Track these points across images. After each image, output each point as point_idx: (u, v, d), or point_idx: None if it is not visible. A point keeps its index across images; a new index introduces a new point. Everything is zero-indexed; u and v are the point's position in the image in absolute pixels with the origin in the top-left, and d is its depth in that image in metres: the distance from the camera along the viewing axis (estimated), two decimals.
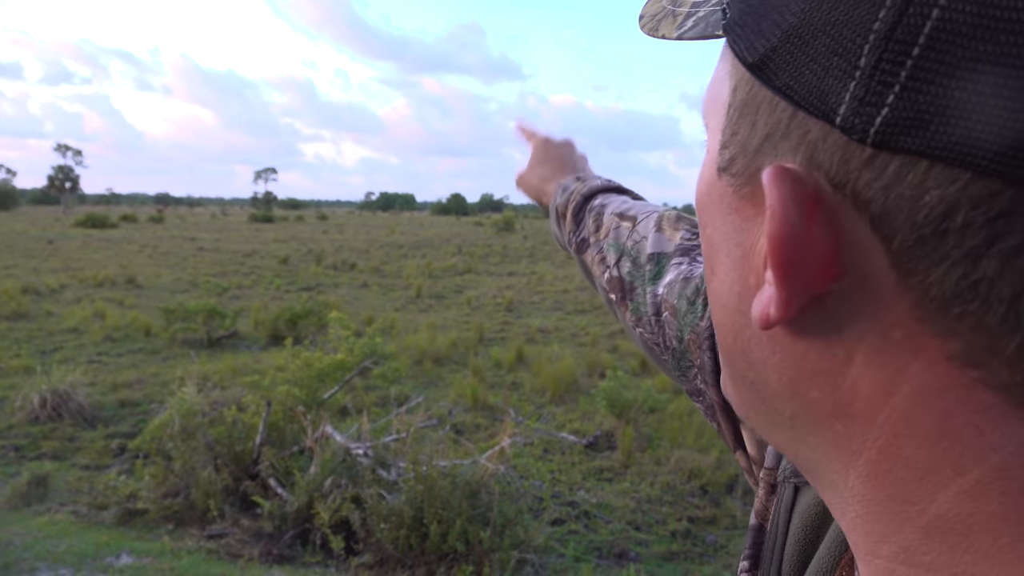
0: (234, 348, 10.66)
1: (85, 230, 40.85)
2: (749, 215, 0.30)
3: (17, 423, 6.99)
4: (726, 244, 0.32)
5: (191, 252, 26.96)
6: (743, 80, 0.29)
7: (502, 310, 14.66)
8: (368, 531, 4.43)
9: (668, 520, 5.41)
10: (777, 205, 0.26)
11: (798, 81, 0.26)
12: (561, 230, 0.90)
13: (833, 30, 0.24)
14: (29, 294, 14.82)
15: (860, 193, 0.24)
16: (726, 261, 0.32)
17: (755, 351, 0.31)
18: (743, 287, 0.31)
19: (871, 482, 0.28)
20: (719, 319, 0.34)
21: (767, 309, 0.27)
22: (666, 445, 6.70)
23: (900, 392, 0.26)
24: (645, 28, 0.41)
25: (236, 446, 5.23)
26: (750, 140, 0.29)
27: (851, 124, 0.24)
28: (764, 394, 0.32)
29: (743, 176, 0.29)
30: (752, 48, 0.28)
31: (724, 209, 0.31)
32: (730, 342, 0.33)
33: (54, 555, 4.18)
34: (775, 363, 0.30)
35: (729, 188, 0.31)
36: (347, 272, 21.38)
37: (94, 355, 10.01)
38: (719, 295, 0.33)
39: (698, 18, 0.35)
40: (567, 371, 8.85)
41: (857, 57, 0.24)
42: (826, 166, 0.25)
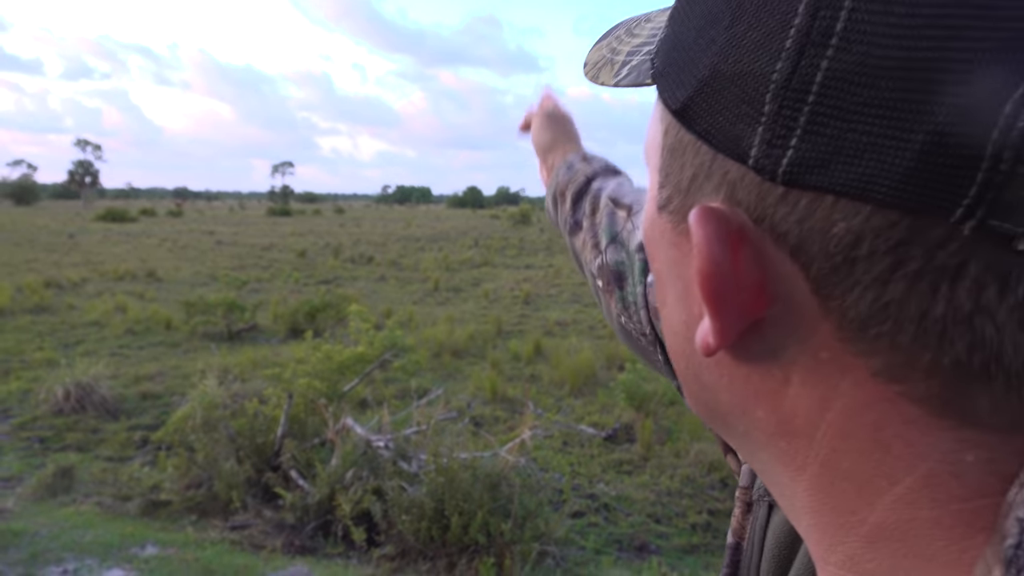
0: (253, 341, 10.73)
1: (105, 224, 41.23)
2: (687, 250, 0.31)
3: (41, 415, 7.07)
4: (670, 277, 0.33)
5: (210, 246, 27.15)
6: (671, 124, 0.31)
7: (519, 303, 14.66)
8: (389, 523, 4.45)
9: (688, 513, 5.40)
10: (703, 243, 0.28)
11: (714, 126, 0.28)
12: (557, 210, 0.90)
13: (739, 80, 0.27)
14: (51, 288, 14.98)
15: (777, 227, 0.26)
16: (672, 293, 0.34)
17: (705, 375, 0.33)
18: (688, 316, 0.32)
19: (816, 495, 0.29)
20: (671, 345, 0.36)
21: (707, 338, 0.29)
22: (686, 438, 6.68)
23: (833, 409, 0.28)
24: (588, 75, 0.44)
25: (258, 438, 5.26)
26: (681, 180, 0.31)
27: (762, 165, 0.26)
28: (718, 413, 0.34)
29: (679, 214, 0.31)
30: (674, 96, 0.30)
31: (665, 245, 0.33)
32: (683, 367, 0.35)
33: (80, 545, 4.23)
34: (723, 385, 0.32)
35: (668, 225, 0.32)
36: (365, 265, 21.45)
37: (116, 348, 10.11)
38: (670, 324, 0.35)
39: (631, 67, 0.38)
40: (586, 364, 8.83)
41: (761, 104, 0.26)
42: (745, 203, 0.27)
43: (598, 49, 0.46)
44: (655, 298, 0.38)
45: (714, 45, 0.28)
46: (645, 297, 0.71)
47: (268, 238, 31.78)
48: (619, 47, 0.41)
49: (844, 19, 0.24)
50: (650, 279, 0.71)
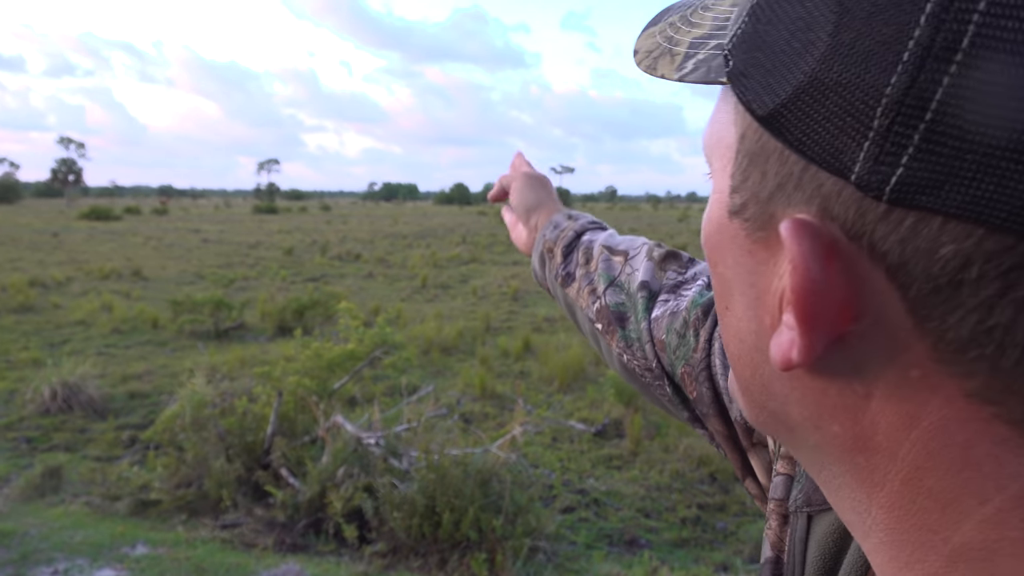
0: (241, 339, 10.69)
1: (89, 223, 40.91)
2: (762, 258, 0.30)
3: (28, 415, 7.02)
4: (740, 284, 0.32)
5: (196, 244, 26.99)
6: (751, 128, 0.30)
7: (508, 299, 14.66)
8: (381, 520, 4.46)
9: (678, 507, 5.43)
10: (799, 259, 0.27)
11: (810, 137, 0.26)
12: (545, 266, 0.91)
13: (844, 91, 0.25)
14: (36, 287, 14.86)
15: (876, 245, 0.25)
16: (741, 300, 0.33)
17: (775, 386, 0.32)
18: (759, 326, 0.31)
19: (894, 512, 0.29)
20: (735, 352, 0.35)
21: (788, 353, 0.28)
22: (674, 433, 6.71)
23: (920, 427, 0.27)
24: (642, 65, 0.41)
25: (248, 436, 5.25)
26: (762, 188, 0.30)
27: (866, 181, 0.25)
28: (786, 424, 0.33)
29: (756, 221, 0.30)
30: (761, 101, 0.28)
31: (736, 251, 0.32)
32: (748, 375, 0.34)
33: (70, 545, 4.22)
34: (796, 398, 0.31)
35: (741, 231, 0.31)
36: (352, 263, 21.39)
37: (102, 347, 10.04)
38: (735, 331, 0.34)
39: (698, 61, 0.35)
40: (574, 360, 8.85)
41: (870, 118, 0.24)
42: (841, 218, 0.26)
43: (650, 36, 0.43)
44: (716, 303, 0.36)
45: (814, 50, 0.26)
46: (650, 332, 0.72)
47: (254, 236, 31.64)
48: (677, 36, 0.39)
49: (972, 33, 0.22)
50: (655, 313, 0.73)
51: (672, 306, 0.71)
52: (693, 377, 0.67)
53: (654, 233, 33.30)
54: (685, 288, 0.73)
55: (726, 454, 0.66)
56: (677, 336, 0.69)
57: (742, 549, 4.84)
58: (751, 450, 0.63)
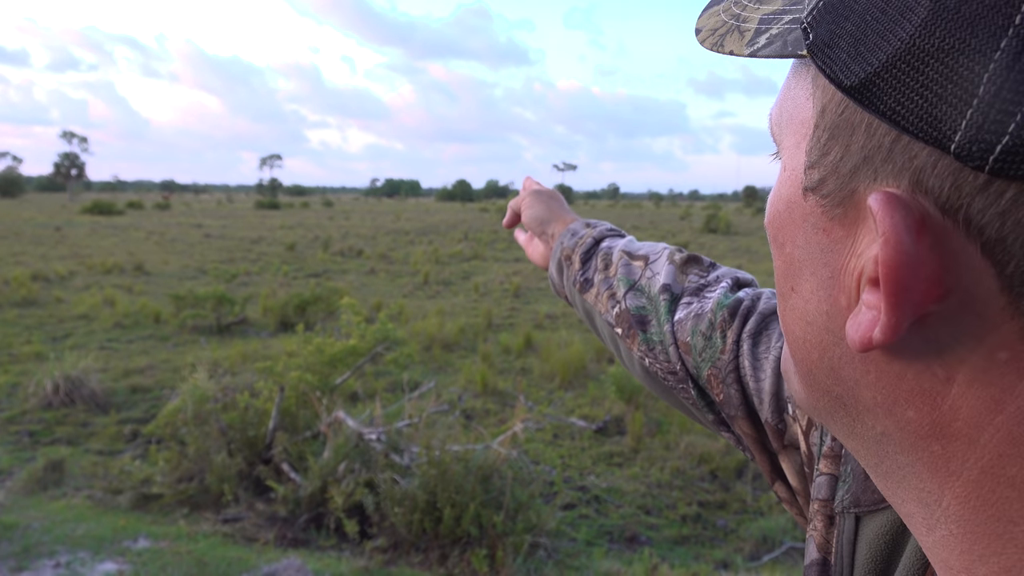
0: (243, 334, 10.70)
1: (92, 217, 40.95)
2: (838, 236, 0.30)
3: (31, 409, 7.04)
4: (811, 263, 0.32)
5: (198, 239, 27.01)
6: (833, 101, 0.29)
7: (509, 296, 14.67)
8: (382, 515, 4.47)
9: (678, 504, 5.44)
10: (891, 233, 0.26)
11: (905, 107, 0.25)
12: (563, 273, 0.90)
13: (947, 57, 0.24)
14: (39, 281, 14.88)
15: (973, 219, 0.24)
16: (812, 280, 0.32)
17: (846, 369, 0.31)
18: (832, 307, 0.31)
19: (970, 502, 0.27)
20: (800, 335, 0.34)
21: (868, 332, 0.27)
22: (675, 430, 6.72)
23: (1006, 411, 0.26)
24: (707, 43, 0.40)
25: (249, 431, 5.26)
26: (844, 162, 0.29)
27: (967, 151, 0.23)
28: (852, 409, 0.32)
29: (835, 197, 0.29)
30: (849, 71, 0.27)
31: (809, 229, 0.31)
32: (815, 358, 0.33)
33: (72, 539, 4.23)
34: (869, 382, 0.30)
35: (817, 208, 0.31)
36: (354, 258, 21.40)
37: (105, 341, 10.06)
38: (802, 312, 0.33)
39: (771, 35, 0.34)
40: (576, 357, 8.86)
41: (975, 85, 0.23)
42: (935, 191, 0.25)
43: (713, 14, 0.41)
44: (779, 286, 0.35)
45: (912, 16, 0.25)
46: (673, 335, 0.71)
47: (257, 231, 31.65)
48: (745, 13, 0.37)
49: None
50: (678, 316, 0.72)
51: (696, 308, 0.71)
52: (720, 379, 0.66)
53: (656, 231, 33.29)
54: (708, 291, 0.73)
55: (754, 457, 0.65)
56: (703, 338, 0.68)
57: (742, 547, 4.85)
58: (782, 452, 0.62)
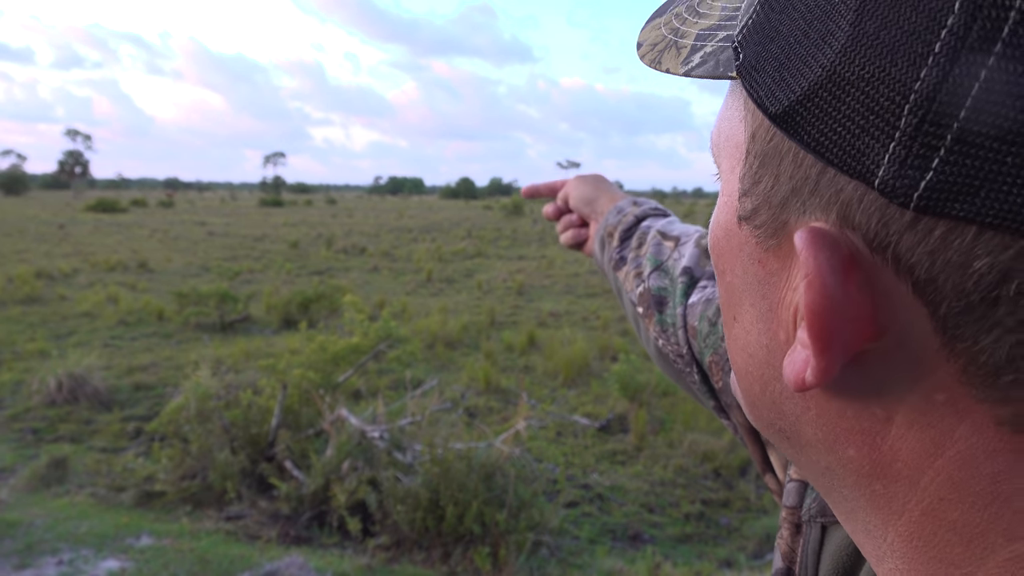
0: (247, 332, 10.71)
1: (96, 215, 41.00)
2: (774, 268, 0.28)
3: (34, 406, 7.05)
4: (750, 295, 0.30)
5: (201, 236, 27.04)
6: (762, 127, 0.28)
7: (513, 294, 14.67)
8: (385, 513, 4.46)
9: (681, 503, 5.43)
10: (815, 274, 0.24)
11: (828, 138, 0.24)
12: (604, 249, 0.90)
13: (867, 86, 0.23)
14: (42, 278, 14.91)
15: (902, 257, 0.23)
16: (751, 311, 0.30)
17: (786, 405, 0.30)
18: (771, 340, 0.29)
19: (912, 542, 0.27)
20: (742, 366, 0.32)
21: (802, 374, 0.26)
22: (679, 428, 6.71)
23: (944, 455, 0.25)
24: (646, 59, 0.38)
25: (252, 429, 5.26)
26: (774, 193, 0.27)
27: (891, 187, 0.22)
28: (797, 443, 0.31)
29: (767, 228, 0.28)
30: (774, 97, 0.26)
31: (745, 259, 0.30)
32: (757, 391, 0.32)
33: (75, 536, 4.23)
34: (809, 419, 0.29)
35: (751, 239, 0.29)
36: (357, 256, 21.42)
37: (108, 339, 10.08)
38: (743, 343, 0.32)
39: (706, 54, 0.32)
40: (579, 354, 8.86)
41: (896, 117, 0.22)
42: (863, 228, 0.24)
43: (654, 28, 0.39)
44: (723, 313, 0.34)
45: (832, 41, 0.24)
46: (684, 317, 0.71)
47: (260, 229, 31.68)
48: (684, 28, 0.36)
49: (1015, 21, 0.20)
50: (691, 299, 0.71)
51: (709, 293, 0.70)
52: (720, 366, 0.66)
53: None
54: None
55: (747, 446, 0.65)
56: (708, 324, 0.68)
57: (746, 545, 4.84)
58: (770, 446, 0.62)
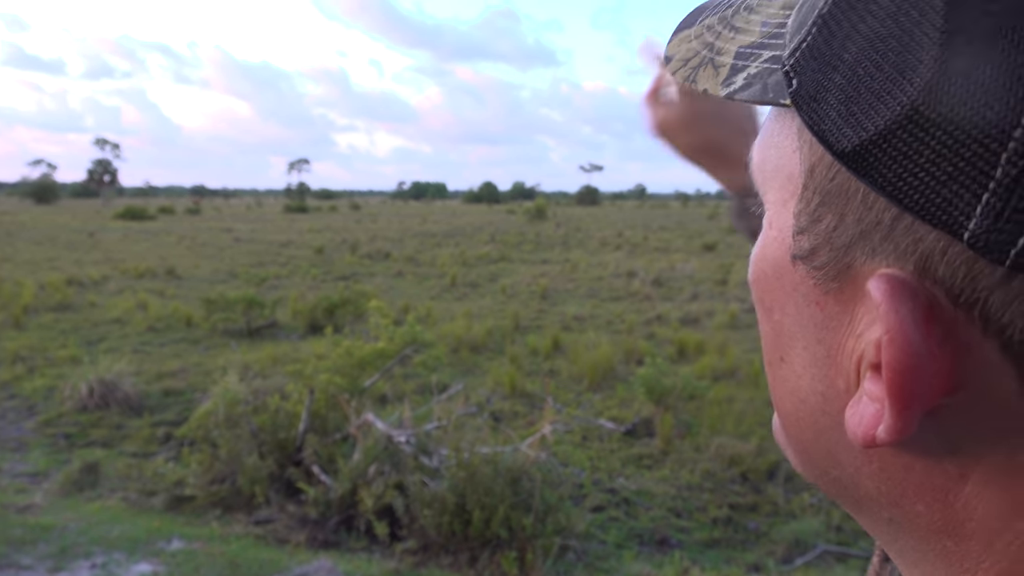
0: (273, 337, 10.80)
1: (125, 222, 41.56)
2: (834, 312, 0.26)
3: (66, 411, 7.16)
4: (803, 337, 0.28)
5: (228, 243, 27.32)
6: (823, 163, 0.26)
7: (537, 298, 14.66)
8: (412, 517, 4.48)
9: (709, 507, 5.39)
10: (897, 329, 0.22)
11: (907, 183, 0.22)
12: None
13: (955, 130, 0.20)
14: (73, 285, 15.14)
15: (991, 316, 0.22)
16: (804, 355, 0.28)
17: (844, 456, 0.28)
18: (828, 387, 0.27)
19: None
20: (791, 411, 0.30)
21: (872, 429, 0.24)
22: (706, 432, 6.67)
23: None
24: (678, 76, 0.35)
25: (280, 433, 5.31)
26: (838, 234, 0.25)
27: (984, 242, 0.20)
28: (854, 495, 0.29)
29: (829, 271, 0.26)
30: (840, 133, 0.23)
31: (800, 300, 0.28)
32: (808, 438, 0.30)
33: (108, 540, 4.29)
34: (870, 472, 0.27)
35: (808, 279, 0.27)
36: (382, 261, 21.52)
37: (138, 345, 10.21)
38: (794, 388, 0.29)
39: (750, 75, 0.30)
40: (604, 358, 8.83)
41: (991, 166, 0.20)
42: (947, 282, 0.22)
43: (683, 40, 0.37)
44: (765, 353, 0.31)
45: (913, 77, 0.21)
46: None
47: (285, 235, 31.94)
48: (719, 44, 0.33)
49: None
50: None
51: None
52: None
53: (683, 231, 33.12)
54: None
55: None
56: None
57: (775, 550, 4.80)
58: None
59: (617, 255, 22.86)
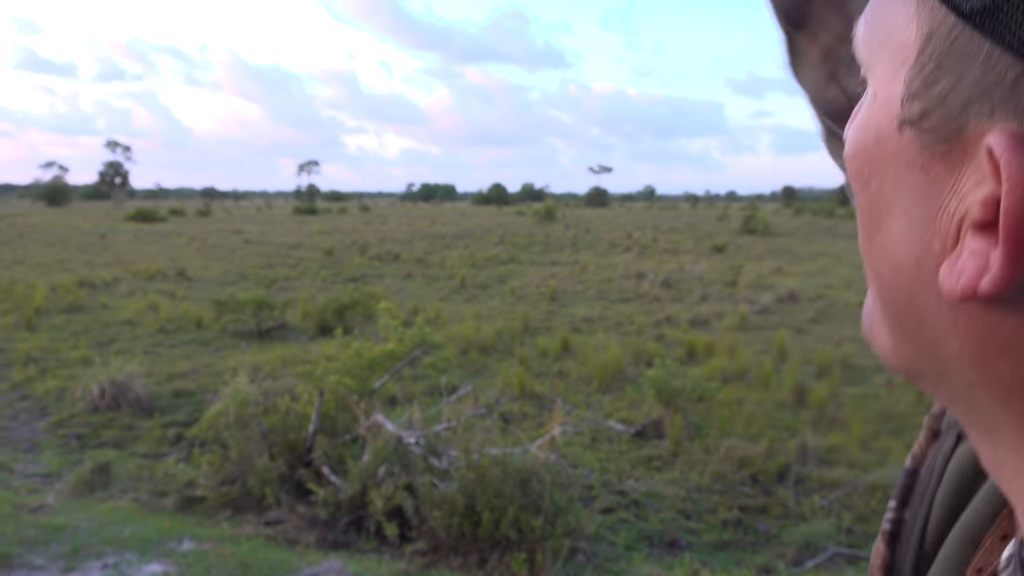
0: (283, 339, 10.84)
1: (136, 224, 41.74)
2: (939, 175, 0.27)
3: (78, 412, 7.21)
4: (903, 202, 0.29)
5: (238, 245, 27.42)
6: (944, 25, 0.26)
7: (546, 299, 14.66)
8: (421, 518, 4.49)
9: (719, 509, 5.38)
10: (1018, 178, 0.23)
11: None
12: None
13: None
14: (85, 287, 15.23)
15: None
16: (902, 220, 0.29)
17: (934, 316, 0.29)
18: (924, 251, 0.28)
19: None
20: (887, 278, 0.31)
21: (973, 282, 0.25)
22: (715, 434, 6.66)
23: None
24: None
25: (290, 435, 5.32)
26: (953, 96, 0.26)
27: None
28: (938, 357, 0.30)
29: (938, 133, 0.27)
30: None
31: (904, 165, 0.29)
32: (901, 302, 0.31)
33: (119, 540, 4.31)
34: (958, 332, 0.28)
35: (915, 144, 0.28)
36: (391, 263, 21.56)
37: (149, 346, 10.26)
38: (889, 254, 0.31)
39: None
40: (613, 360, 8.83)
41: None
42: None
43: None
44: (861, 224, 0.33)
45: None
46: None
47: (295, 236, 32.03)
48: None
49: None
50: None
51: None
52: None
53: (693, 232, 33.03)
54: None
55: None
56: None
57: (785, 552, 4.78)
58: None
59: (626, 256, 22.83)
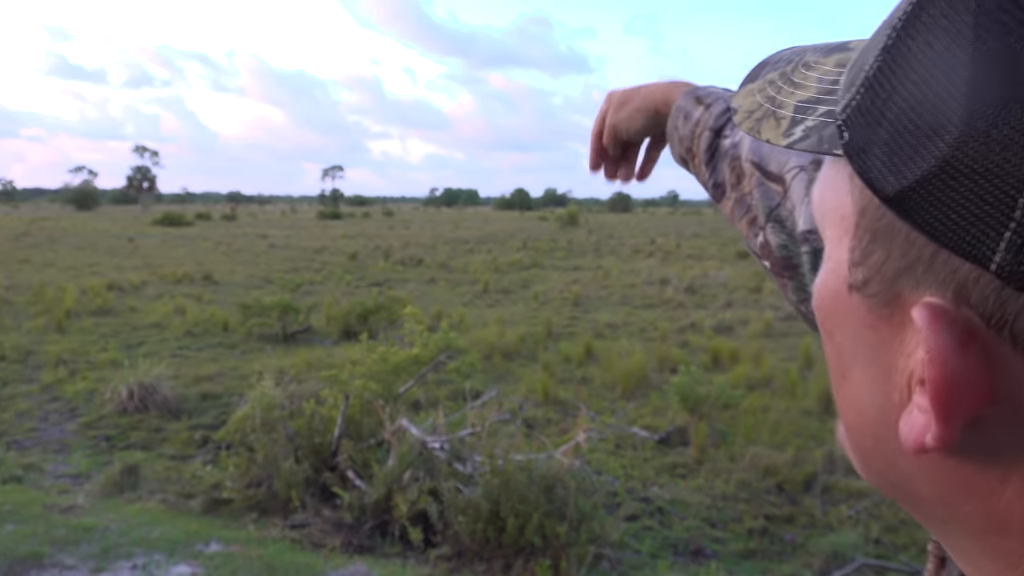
0: (308, 342, 10.90)
1: (163, 228, 42.24)
2: (886, 335, 0.29)
3: (107, 414, 7.30)
4: (861, 357, 0.31)
5: (263, 249, 27.66)
6: (872, 205, 0.29)
7: (569, 305, 14.64)
8: (446, 524, 4.49)
9: (744, 518, 5.34)
10: (936, 351, 0.25)
11: (942, 223, 0.25)
12: (689, 167, 0.82)
13: (981, 179, 0.24)
14: (113, 290, 15.43)
15: (1019, 335, 0.25)
16: (863, 373, 0.31)
17: (902, 462, 0.31)
18: (886, 402, 0.30)
19: None
20: (854, 422, 0.33)
21: (921, 438, 0.27)
22: (741, 442, 6.60)
23: None
24: (743, 126, 0.40)
25: (315, 438, 5.36)
26: (886, 266, 0.28)
27: (1008, 272, 0.24)
28: (911, 497, 0.32)
29: (880, 298, 0.29)
30: (885, 180, 0.27)
31: (856, 324, 0.31)
32: (869, 446, 0.33)
33: (148, 541, 4.36)
34: (925, 476, 0.30)
35: (862, 307, 0.30)
36: (414, 268, 21.64)
37: (176, 349, 10.37)
38: (855, 401, 0.33)
39: (807, 128, 0.34)
40: (637, 366, 8.79)
41: (1011, 208, 0.23)
42: (979, 306, 0.25)
43: (748, 94, 0.41)
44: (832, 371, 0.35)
45: (944, 135, 0.25)
46: None
47: (319, 241, 32.25)
48: (780, 98, 0.37)
49: None
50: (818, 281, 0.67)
51: None
52: None
53: (717, 238, 32.84)
54: None
55: None
56: None
57: (811, 562, 4.73)
58: None
59: (650, 262, 22.75)
